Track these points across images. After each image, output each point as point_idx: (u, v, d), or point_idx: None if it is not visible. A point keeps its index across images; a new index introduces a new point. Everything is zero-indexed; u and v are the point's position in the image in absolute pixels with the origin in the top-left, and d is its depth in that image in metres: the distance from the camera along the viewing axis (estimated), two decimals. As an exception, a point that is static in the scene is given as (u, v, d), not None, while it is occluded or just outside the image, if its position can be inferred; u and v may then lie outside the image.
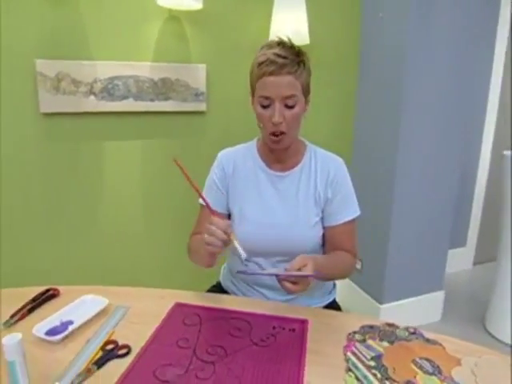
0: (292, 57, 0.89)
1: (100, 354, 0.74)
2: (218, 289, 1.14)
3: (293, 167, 1.00)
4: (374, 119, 1.91)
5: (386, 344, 0.80)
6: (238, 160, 1.03)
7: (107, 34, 1.51)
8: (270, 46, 0.91)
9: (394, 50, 1.73)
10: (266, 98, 0.89)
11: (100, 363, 0.71)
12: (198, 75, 1.67)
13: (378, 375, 0.71)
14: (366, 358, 0.75)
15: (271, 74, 0.87)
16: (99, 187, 1.65)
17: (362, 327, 0.86)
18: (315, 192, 0.98)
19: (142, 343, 0.78)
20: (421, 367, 0.73)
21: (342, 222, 0.99)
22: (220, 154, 1.06)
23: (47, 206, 1.58)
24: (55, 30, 1.44)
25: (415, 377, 0.70)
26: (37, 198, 1.55)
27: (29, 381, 0.63)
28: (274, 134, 0.92)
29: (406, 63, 1.67)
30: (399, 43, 1.69)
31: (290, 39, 0.93)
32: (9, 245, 1.55)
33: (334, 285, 1.17)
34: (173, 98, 1.67)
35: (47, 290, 0.94)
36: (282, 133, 0.92)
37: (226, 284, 1.14)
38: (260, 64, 0.88)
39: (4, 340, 0.59)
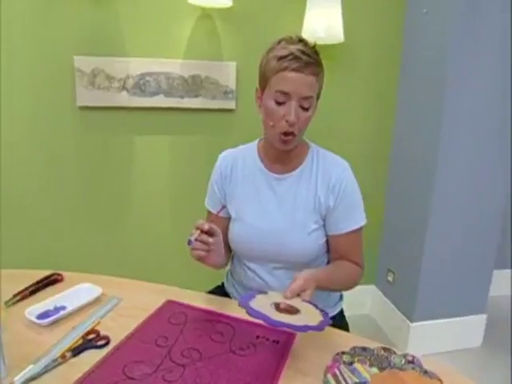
0: (315, 57, 0.85)
1: (80, 342, 0.76)
2: (221, 290, 1.13)
3: (293, 170, 0.95)
4: (414, 121, 1.77)
5: (375, 370, 0.73)
6: (238, 161, 1.00)
7: (140, 32, 1.57)
8: (290, 41, 0.86)
9: (437, 48, 1.58)
10: (284, 93, 0.84)
11: (77, 351, 0.73)
12: (227, 73, 1.67)
13: (355, 404, 0.64)
14: (347, 382, 0.69)
15: (294, 70, 0.82)
16: (128, 179, 1.72)
17: (354, 348, 0.79)
18: (315, 197, 0.92)
19: (123, 336, 0.78)
20: (407, 402, 0.65)
21: (345, 231, 0.92)
22: (220, 156, 1.04)
23: (79, 194, 1.67)
24: (92, 27, 1.52)
25: (396, 412, 0.63)
26: (70, 186, 1.66)
27: (3, 359, 0.66)
28: (284, 134, 0.87)
29: (450, 62, 1.52)
30: (443, 41, 1.54)
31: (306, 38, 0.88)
32: (41, 229, 1.67)
33: (341, 296, 1.10)
34: (202, 95, 1.68)
35: (52, 275, 0.98)
36: (293, 135, 0.87)
37: (228, 287, 1.12)
38: (281, 58, 0.83)
39: (-20, 320, 0.63)
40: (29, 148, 1.58)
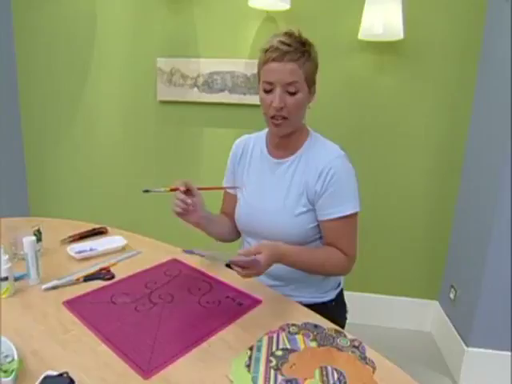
0: (296, 45, 0.91)
1: (93, 273, 0.98)
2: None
3: (291, 155, 1.02)
4: (490, 127, 1.57)
5: (313, 344, 0.76)
6: (249, 146, 1.11)
7: (211, 36, 1.80)
8: (277, 34, 0.95)
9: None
10: (269, 83, 0.93)
11: (88, 279, 0.95)
12: (286, 71, 1.77)
13: (273, 363, 0.70)
14: (277, 346, 0.75)
15: (274, 60, 0.91)
16: (196, 164, 1.97)
17: (306, 323, 0.83)
18: (304, 181, 0.97)
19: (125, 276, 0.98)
20: (322, 375, 0.67)
21: (329, 217, 0.95)
22: (235, 142, 1.16)
23: (155, 172, 2.00)
24: (172, 33, 1.81)
25: (305, 379, 0.66)
26: (149, 166, 1.99)
27: (38, 270, 0.92)
28: (274, 118, 0.95)
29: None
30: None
31: (299, 31, 0.95)
32: (121, 196, 2.06)
33: (339, 285, 1.11)
34: (262, 91, 1.81)
35: (100, 228, 1.26)
36: (284, 118, 0.94)
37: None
38: (266, 51, 0.93)
39: (24, 239, 0.90)
40: (120, 133, 1.96)
